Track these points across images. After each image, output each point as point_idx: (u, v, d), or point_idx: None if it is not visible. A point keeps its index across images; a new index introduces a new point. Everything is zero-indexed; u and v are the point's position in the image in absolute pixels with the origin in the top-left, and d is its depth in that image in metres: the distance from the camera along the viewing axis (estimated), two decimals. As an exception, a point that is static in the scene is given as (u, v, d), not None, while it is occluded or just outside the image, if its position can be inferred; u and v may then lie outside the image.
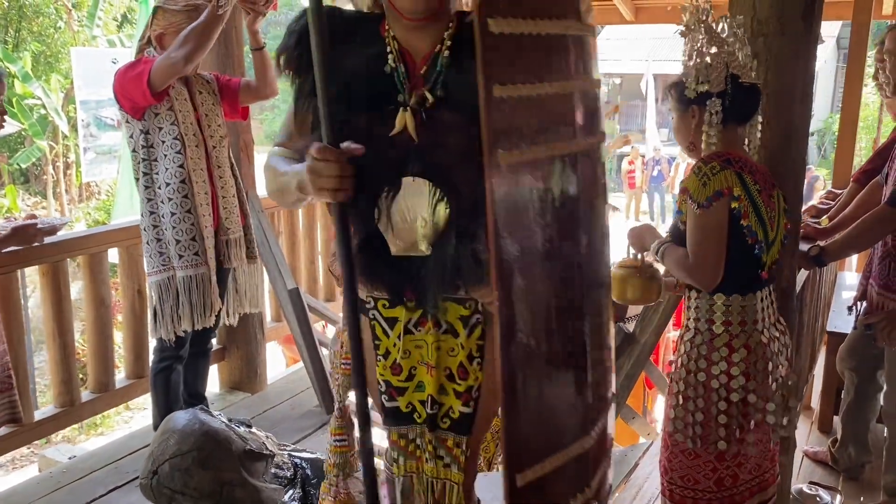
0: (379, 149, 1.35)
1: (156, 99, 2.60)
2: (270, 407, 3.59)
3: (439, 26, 1.38)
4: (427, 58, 1.40)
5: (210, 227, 2.82)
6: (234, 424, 2.35)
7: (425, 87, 1.38)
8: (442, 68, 1.39)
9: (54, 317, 2.98)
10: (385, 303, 1.52)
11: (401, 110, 1.37)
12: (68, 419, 3.12)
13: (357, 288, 1.37)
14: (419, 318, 1.51)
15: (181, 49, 2.52)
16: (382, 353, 1.56)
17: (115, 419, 8.01)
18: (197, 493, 2.15)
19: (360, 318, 1.52)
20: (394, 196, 1.40)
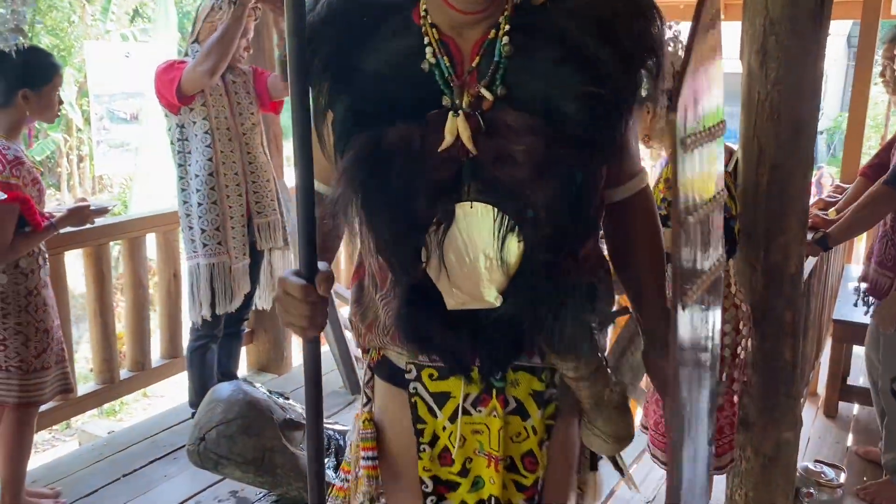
0: (422, 169, 1.05)
1: (183, 103, 2.77)
2: (297, 387, 3.74)
3: (493, 9, 1.09)
4: (478, 46, 1.09)
5: (240, 216, 2.97)
6: (273, 396, 2.50)
7: (480, 82, 1.08)
8: (501, 58, 1.07)
9: (97, 297, 3.14)
10: (433, 372, 1.18)
11: (450, 115, 1.05)
12: (109, 395, 3.29)
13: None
14: (480, 393, 1.18)
15: (206, 62, 2.69)
16: (428, 441, 1.21)
17: (133, 405, 8.17)
18: (241, 459, 2.31)
19: (395, 391, 1.23)
20: (446, 229, 1.05)
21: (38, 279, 2.47)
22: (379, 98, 1.07)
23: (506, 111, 1.05)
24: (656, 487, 2.86)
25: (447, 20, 1.10)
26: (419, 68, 1.09)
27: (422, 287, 1.09)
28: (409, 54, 1.10)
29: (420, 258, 1.07)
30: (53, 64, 2.52)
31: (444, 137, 1.05)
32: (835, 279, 3.84)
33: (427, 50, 1.09)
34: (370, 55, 1.09)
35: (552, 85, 1.03)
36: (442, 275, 1.08)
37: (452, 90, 1.08)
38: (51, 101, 2.48)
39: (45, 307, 2.49)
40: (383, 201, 1.06)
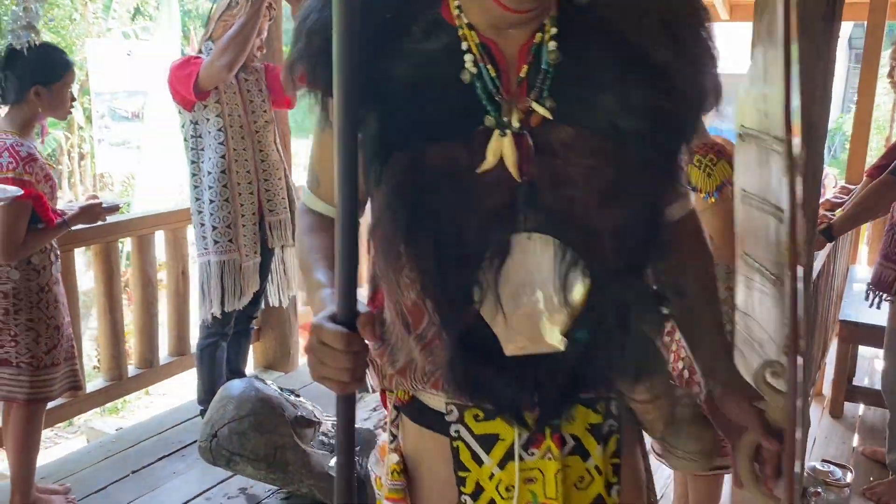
0: (471, 195, 0.91)
1: (199, 98, 2.78)
2: (303, 386, 3.74)
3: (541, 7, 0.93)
4: (524, 53, 0.94)
5: (252, 214, 2.98)
6: (285, 393, 2.51)
7: (530, 95, 0.92)
8: (549, 66, 0.92)
9: (105, 294, 3.15)
10: (478, 413, 1.02)
11: (494, 134, 0.91)
12: (117, 391, 3.30)
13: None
14: (532, 434, 1.01)
15: (223, 58, 2.70)
16: (470, 491, 1.03)
17: (135, 403, 8.18)
18: (252, 455, 2.32)
19: (432, 435, 1.06)
20: (501, 265, 0.92)
21: (49, 275, 2.48)
22: (415, 111, 0.92)
23: (560, 128, 0.92)
24: (664, 486, 2.88)
25: (488, 20, 0.94)
26: (456, 76, 0.93)
27: (474, 330, 0.94)
28: (445, 59, 0.94)
29: (472, 297, 0.93)
30: (65, 61, 2.53)
31: (486, 158, 0.91)
32: (840, 280, 3.86)
33: (466, 57, 0.93)
34: (402, 59, 0.93)
35: (611, 96, 0.90)
36: (498, 317, 0.93)
37: (498, 105, 0.92)
38: (63, 97, 2.49)
39: (57, 304, 2.50)
40: (429, 233, 0.91)
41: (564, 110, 0.92)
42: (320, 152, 1.10)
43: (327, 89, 0.93)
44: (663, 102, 0.92)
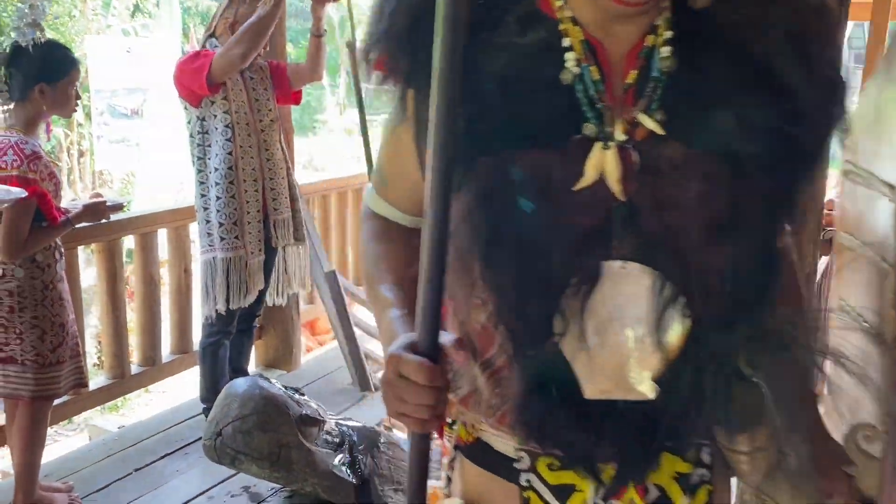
0: (562, 211, 0.80)
1: (212, 91, 2.77)
2: (305, 384, 3.74)
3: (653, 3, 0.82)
4: (632, 56, 0.84)
5: (256, 211, 2.98)
6: (289, 391, 2.51)
7: (636, 105, 0.82)
8: (661, 74, 0.82)
9: (108, 292, 3.15)
10: (552, 462, 0.92)
11: (596, 147, 0.80)
12: (120, 390, 3.30)
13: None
14: (612, 483, 0.91)
15: (238, 47, 2.70)
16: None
17: (135, 401, 8.17)
18: (257, 454, 2.32)
19: (498, 482, 0.96)
20: (588, 294, 0.81)
21: (54, 273, 2.48)
22: (506, 111, 0.81)
23: (668, 144, 0.80)
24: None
25: (596, 14, 0.83)
26: (555, 76, 0.82)
27: (551, 366, 0.82)
28: (542, 56, 0.83)
29: (552, 328, 0.81)
30: (71, 58, 2.52)
31: (585, 173, 0.80)
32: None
33: (568, 56, 0.82)
34: (494, 53, 0.82)
35: (728, 114, 0.79)
36: (580, 354, 0.82)
37: (600, 112, 0.82)
38: (68, 95, 2.49)
39: (61, 301, 2.50)
40: (511, 250, 0.80)
41: (674, 125, 0.80)
42: (392, 150, 1.00)
43: (409, 78, 0.86)
44: (788, 126, 0.81)
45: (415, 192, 0.93)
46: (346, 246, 4.49)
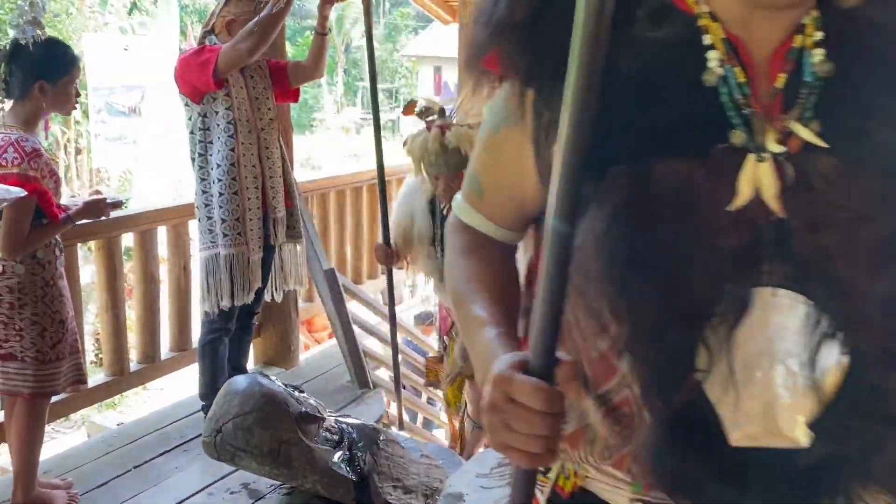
0: (705, 230, 0.70)
1: (217, 86, 2.78)
2: (304, 382, 3.75)
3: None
4: (779, 58, 0.74)
5: (257, 208, 2.99)
6: (289, 389, 2.51)
7: (789, 112, 0.73)
8: (815, 79, 0.73)
9: (108, 289, 3.15)
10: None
11: (749, 159, 0.71)
12: (119, 387, 3.30)
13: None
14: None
15: (247, 41, 2.70)
16: None
17: (133, 399, 8.18)
18: (257, 451, 2.32)
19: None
20: (734, 325, 0.70)
21: (54, 270, 2.48)
22: (640, 114, 0.72)
23: (823, 158, 0.71)
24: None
25: (738, 9, 0.74)
26: (695, 77, 0.73)
27: (691, 405, 0.71)
28: (680, 54, 0.75)
29: (693, 364, 0.71)
30: (71, 56, 2.52)
31: (738, 189, 0.70)
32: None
33: (711, 55, 0.73)
34: (624, 49, 0.73)
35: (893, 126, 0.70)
36: (726, 392, 0.71)
37: (747, 119, 0.72)
38: (68, 93, 2.48)
39: (61, 298, 2.50)
40: (650, 273, 0.71)
41: (830, 137, 0.71)
42: (493, 157, 0.90)
43: (530, 77, 0.78)
44: None
45: (515, 203, 0.89)
46: (345, 244, 4.50)
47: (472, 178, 0.94)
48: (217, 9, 2.93)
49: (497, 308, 0.84)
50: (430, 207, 2.94)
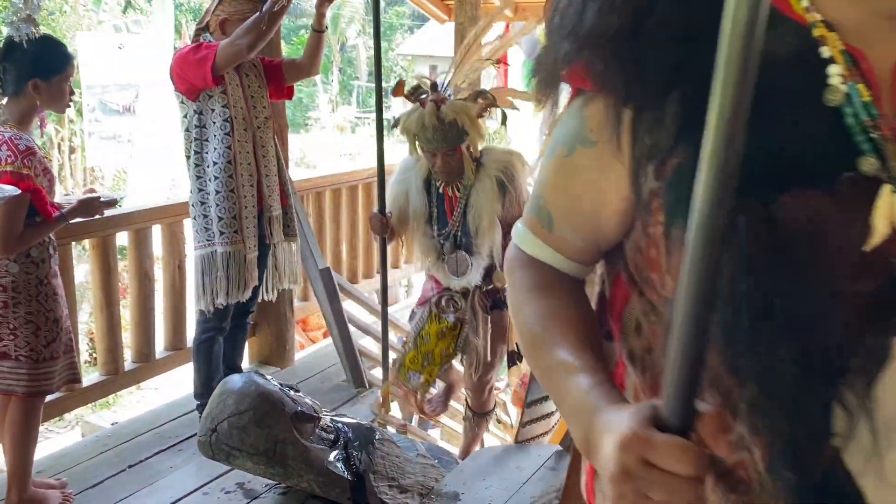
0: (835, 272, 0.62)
1: (214, 83, 2.77)
2: (300, 381, 3.74)
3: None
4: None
5: (253, 206, 2.97)
6: (284, 388, 2.51)
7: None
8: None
9: (103, 288, 3.14)
10: None
11: (884, 190, 0.62)
12: (113, 386, 3.29)
13: None
14: None
15: (246, 37, 2.70)
16: None
17: (127, 398, 8.16)
18: (252, 450, 2.31)
19: None
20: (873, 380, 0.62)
21: (48, 268, 2.47)
22: (758, 141, 0.60)
23: None
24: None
25: (855, 18, 0.64)
26: (814, 96, 0.64)
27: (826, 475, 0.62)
28: (793, 69, 0.65)
29: (829, 427, 0.62)
30: (65, 54, 2.51)
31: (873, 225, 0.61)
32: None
33: (832, 70, 0.64)
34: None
35: None
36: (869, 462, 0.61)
37: (877, 144, 0.62)
38: (62, 91, 2.47)
39: (56, 296, 2.49)
40: (778, 324, 0.62)
41: None
42: (566, 181, 0.80)
43: (628, 94, 0.68)
44: None
45: (591, 234, 0.80)
46: (341, 243, 4.49)
47: (538, 205, 0.84)
48: (211, 7, 2.92)
49: (586, 353, 0.74)
50: (425, 186, 2.93)
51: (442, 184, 2.93)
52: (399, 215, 2.98)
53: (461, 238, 2.93)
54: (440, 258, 2.97)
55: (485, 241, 2.86)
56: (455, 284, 2.99)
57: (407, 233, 3.02)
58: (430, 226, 2.94)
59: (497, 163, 2.86)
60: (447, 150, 2.75)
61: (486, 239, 2.85)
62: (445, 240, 2.95)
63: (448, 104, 2.73)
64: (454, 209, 2.92)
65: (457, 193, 2.91)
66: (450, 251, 2.94)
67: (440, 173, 2.85)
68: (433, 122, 2.70)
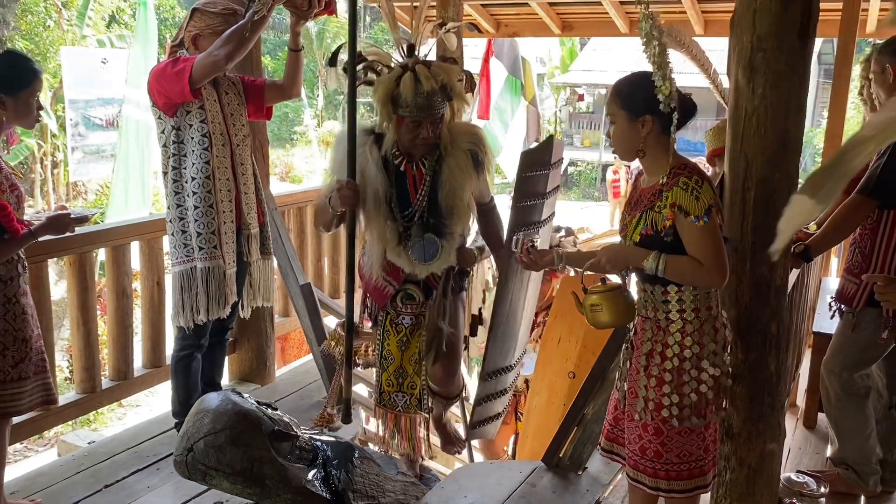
0: None
1: (192, 96, 2.75)
2: (280, 398, 3.72)
3: None
4: None
5: (231, 222, 2.96)
6: (262, 406, 2.48)
7: None
8: None
9: (79, 305, 3.11)
10: None
11: None
12: (90, 405, 3.25)
13: None
14: None
15: (224, 48, 2.68)
16: None
17: (108, 416, 8.08)
18: (229, 469, 2.28)
19: None
20: None
21: (17, 287, 2.43)
22: None
23: None
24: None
25: None
26: None
27: None
28: None
29: None
30: (32, 69, 2.44)
31: None
32: (813, 292, 3.91)
33: None
34: None
35: None
36: None
37: None
38: (29, 106, 2.42)
39: (25, 316, 2.45)
40: None
41: None
42: None
43: None
44: None
45: None
46: (322, 258, 4.47)
47: None
48: (184, 23, 2.92)
49: None
50: (382, 163, 2.60)
51: (403, 160, 2.64)
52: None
53: (428, 219, 2.64)
54: (401, 243, 2.65)
55: (459, 222, 2.64)
56: (420, 272, 2.69)
57: (365, 215, 2.65)
58: (389, 206, 2.62)
59: (467, 135, 2.64)
60: (434, 118, 2.51)
61: (461, 219, 2.65)
62: (409, 222, 2.65)
63: (436, 66, 2.50)
64: (418, 188, 2.64)
65: (421, 170, 2.63)
66: (417, 234, 2.63)
67: (420, 146, 2.57)
68: (431, 85, 2.45)
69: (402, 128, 2.54)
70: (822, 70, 22.38)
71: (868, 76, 2.87)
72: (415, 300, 2.76)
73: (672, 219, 1.98)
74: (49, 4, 15.10)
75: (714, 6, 5.22)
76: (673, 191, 1.97)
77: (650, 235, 2.03)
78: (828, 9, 4.32)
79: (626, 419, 2.19)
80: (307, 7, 2.88)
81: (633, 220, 2.09)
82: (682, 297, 2.07)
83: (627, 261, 2.10)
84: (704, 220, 1.95)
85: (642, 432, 2.13)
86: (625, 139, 2.06)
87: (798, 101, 2.33)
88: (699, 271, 2.00)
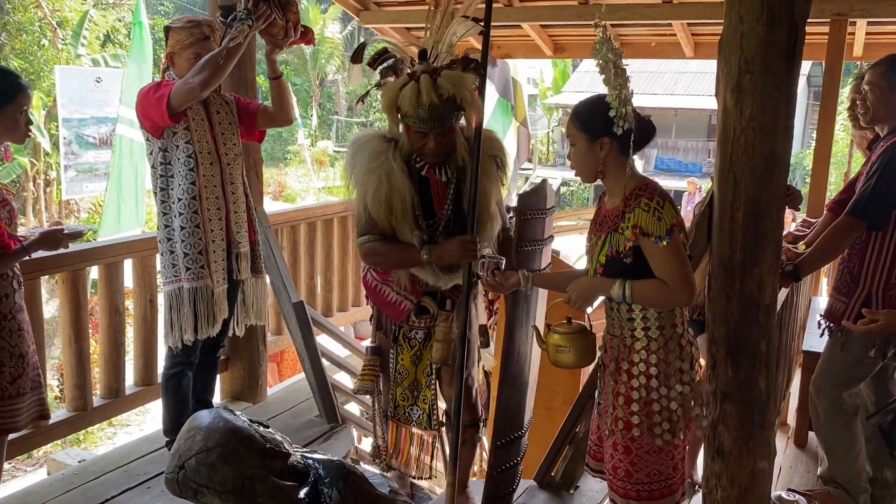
0: None
1: (173, 120, 2.77)
2: (272, 416, 3.72)
3: None
4: None
5: (221, 241, 2.97)
6: (254, 424, 2.48)
7: None
8: None
9: (72, 323, 3.10)
10: None
11: None
12: (81, 423, 3.23)
13: None
14: None
15: (198, 76, 2.69)
16: None
17: (97, 434, 8.03)
18: (221, 487, 2.27)
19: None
20: None
21: (12, 303, 2.43)
22: None
23: None
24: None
25: None
26: None
27: None
28: None
29: None
30: (17, 83, 2.42)
31: None
32: (803, 311, 3.93)
33: None
34: None
35: None
36: None
37: None
38: (16, 121, 2.40)
39: (21, 332, 2.46)
40: None
41: None
42: None
43: None
44: None
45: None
46: (315, 276, 4.48)
47: None
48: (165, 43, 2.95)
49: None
50: (406, 169, 2.48)
51: (426, 166, 2.52)
52: (385, 209, 2.46)
53: (454, 229, 2.52)
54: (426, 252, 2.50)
55: (489, 230, 2.53)
56: (444, 283, 2.59)
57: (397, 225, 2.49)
58: (414, 215, 2.49)
59: (488, 140, 2.51)
60: (442, 129, 2.40)
61: (492, 227, 2.54)
62: (435, 232, 2.53)
63: (445, 76, 2.36)
64: (441, 195, 2.53)
65: (444, 176, 2.53)
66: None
67: (429, 156, 2.46)
68: (431, 99, 2.33)
69: (410, 135, 2.46)
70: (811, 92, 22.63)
71: (859, 92, 2.83)
72: (429, 314, 2.68)
73: (634, 240, 2.00)
74: (44, 24, 15.17)
75: (704, 29, 5.29)
76: (635, 212, 1.99)
77: (614, 257, 2.06)
78: (815, 32, 4.39)
79: (605, 438, 2.21)
80: (283, 36, 2.88)
81: (599, 242, 2.11)
82: (646, 314, 2.09)
83: (596, 294, 2.12)
84: (667, 240, 1.97)
85: (613, 451, 2.15)
86: (584, 161, 2.08)
87: (785, 122, 2.37)
88: (665, 292, 2.02)
